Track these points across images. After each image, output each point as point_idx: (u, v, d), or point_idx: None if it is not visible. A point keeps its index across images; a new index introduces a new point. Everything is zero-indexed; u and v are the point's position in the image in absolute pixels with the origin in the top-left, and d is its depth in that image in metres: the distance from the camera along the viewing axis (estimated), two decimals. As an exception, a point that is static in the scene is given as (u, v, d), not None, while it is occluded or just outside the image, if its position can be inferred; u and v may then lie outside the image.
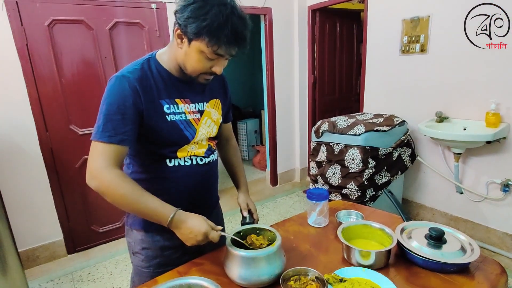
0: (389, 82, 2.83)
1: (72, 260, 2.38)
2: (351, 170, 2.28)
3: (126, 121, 0.87)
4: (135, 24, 2.42)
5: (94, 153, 0.86)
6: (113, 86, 0.88)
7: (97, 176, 0.84)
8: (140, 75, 0.90)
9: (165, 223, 0.86)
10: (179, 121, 0.96)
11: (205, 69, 0.90)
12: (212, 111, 1.06)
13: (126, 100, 0.87)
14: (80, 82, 2.28)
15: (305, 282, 0.86)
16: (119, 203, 0.86)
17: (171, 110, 0.95)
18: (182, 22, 0.83)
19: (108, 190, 0.84)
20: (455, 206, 2.55)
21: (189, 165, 1.01)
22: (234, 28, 0.82)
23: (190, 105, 0.99)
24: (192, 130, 0.99)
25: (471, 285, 0.86)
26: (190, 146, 1.00)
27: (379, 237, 1.03)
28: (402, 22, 2.62)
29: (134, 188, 0.86)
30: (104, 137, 0.85)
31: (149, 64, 0.94)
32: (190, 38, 0.84)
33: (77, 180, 2.37)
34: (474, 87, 2.27)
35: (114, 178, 0.84)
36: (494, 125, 2.11)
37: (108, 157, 0.85)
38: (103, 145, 0.85)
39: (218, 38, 0.81)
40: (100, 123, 0.86)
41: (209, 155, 1.06)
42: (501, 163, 2.21)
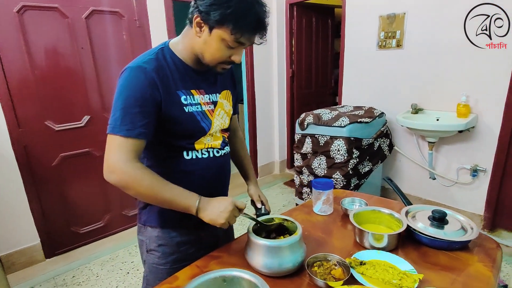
0: (367, 76, 2.96)
1: (53, 264, 2.23)
2: (336, 161, 2.37)
3: (144, 114, 0.84)
4: (114, 13, 2.29)
5: (112, 147, 0.83)
6: (129, 78, 0.85)
7: (118, 170, 0.82)
8: (156, 65, 0.87)
9: (193, 207, 0.86)
10: (196, 113, 0.94)
11: (224, 58, 0.88)
12: (224, 102, 1.05)
13: (144, 92, 0.84)
14: (55, 74, 2.12)
15: (329, 267, 0.89)
16: (144, 195, 0.85)
17: (188, 101, 0.93)
18: (204, 9, 0.80)
19: (131, 183, 0.82)
20: (428, 191, 2.75)
21: (207, 157, 0.99)
22: (257, 16, 0.81)
23: (204, 96, 0.97)
24: (208, 122, 0.97)
25: (475, 260, 0.95)
26: (206, 138, 0.99)
27: (387, 222, 1.09)
28: (379, 18, 2.74)
29: (158, 179, 0.85)
30: (122, 131, 0.82)
31: (163, 54, 0.91)
32: (211, 26, 0.82)
33: (54, 180, 2.22)
34: (446, 80, 2.44)
35: (137, 171, 0.82)
36: (464, 115, 2.29)
37: (127, 151, 0.82)
38: (121, 139, 0.82)
39: (242, 26, 0.81)
40: (117, 116, 0.83)
41: (224, 147, 1.05)
42: (470, 150, 2.42)
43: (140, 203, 1.04)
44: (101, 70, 2.30)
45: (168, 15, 2.60)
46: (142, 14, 2.43)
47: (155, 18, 2.52)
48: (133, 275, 2.10)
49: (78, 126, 2.27)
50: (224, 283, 0.78)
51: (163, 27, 2.59)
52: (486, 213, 2.42)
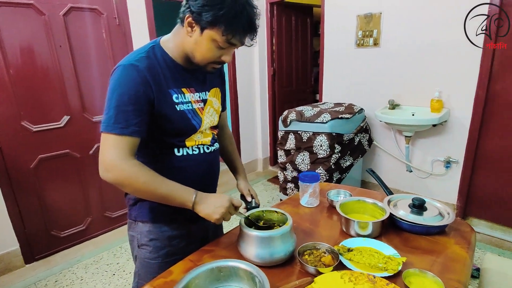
0: (346, 73, 3.05)
1: (33, 270, 2.16)
2: (319, 156, 2.43)
3: (138, 112, 0.85)
4: (92, 10, 2.24)
5: (107, 146, 0.83)
6: (122, 76, 0.85)
7: (114, 168, 0.82)
8: (148, 64, 0.88)
9: (190, 202, 0.88)
10: (187, 111, 0.96)
11: (214, 58, 0.90)
12: (213, 100, 1.07)
13: (137, 90, 0.84)
14: (32, 74, 2.05)
15: (318, 255, 0.94)
16: (141, 191, 0.86)
17: (179, 100, 0.94)
18: (196, 9, 0.81)
19: (128, 181, 0.83)
20: (405, 183, 2.88)
21: (197, 153, 1.01)
22: (249, 17, 0.83)
23: (194, 94, 0.99)
24: (198, 119, 0.99)
25: (451, 243, 1.02)
26: (196, 135, 1.00)
27: (371, 211, 1.15)
28: (356, 17, 2.83)
29: (154, 175, 0.86)
30: (116, 129, 0.82)
31: (154, 52, 0.91)
32: (203, 27, 0.84)
33: (33, 182, 2.15)
34: (420, 77, 2.56)
35: (133, 168, 0.83)
36: (438, 110, 2.42)
37: (122, 149, 0.83)
38: (115, 137, 0.83)
39: (234, 27, 0.82)
40: (111, 114, 0.83)
41: (213, 143, 1.07)
42: (444, 143, 2.55)
43: (130, 199, 1.04)
44: (80, 69, 2.24)
45: (149, 13, 2.57)
46: (122, 12, 2.39)
47: (135, 16, 2.48)
48: (119, 276, 2.07)
49: (57, 126, 2.20)
50: (220, 274, 0.81)
51: (144, 25, 2.55)
52: (459, 202, 2.56)
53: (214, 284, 0.80)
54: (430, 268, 0.89)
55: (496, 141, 2.32)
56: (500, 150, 2.32)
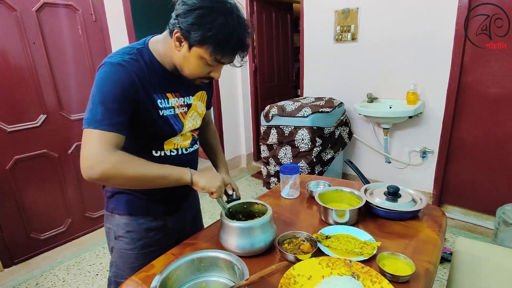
0: (325, 68, 3.10)
1: (12, 274, 2.10)
2: (301, 150, 2.47)
3: (123, 111, 0.82)
4: (67, 6, 2.18)
5: (90, 141, 0.78)
6: (110, 73, 0.82)
7: (99, 162, 0.77)
8: (136, 67, 0.86)
9: (187, 175, 0.90)
10: (170, 116, 0.96)
11: (202, 74, 0.90)
12: (198, 104, 1.07)
13: (124, 91, 0.82)
14: (4, 72, 1.97)
15: (297, 243, 0.97)
16: (132, 179, 0.81)
17: (163, 105, 0.94)
18: (185, 27, 0.79)
19: (117, 171, 0.78)
20: (384, 174, 2.97)
21: (175, 155, 1.02)
22: (239, 39, 0.82)
23: (179, 99, 0.99)
24: (180, 124, 0.99)
25: (424, 227, 1.07)
26: (175, 138, 1.01)
27: (349, 199, 1.20)
28: (334, 13, 2.88)
29: (142, 160, 0.85)
30: (102, 125, 0.79)
31: (142, 56, 0.89)
32: (191, 44, 0.82)
33: (9, 184, 2.08)
34: (397, 70, 2.64)
35: (120, 157, 0.80)
36: (413, 102, 2.51)
37: (107, 143, 0.79)
38: (100, 133, 0.78)
39: (223, 49, 0.81)
40: (96, 110, 0.79)
41: (193, 145, 1.08)
42: (420, 134, 2.65)
43: (108, 191, 1.05)
44: (55, 67, 2.18)
45: (126, 9, 2.52)
46: (98, 8, 2.33)
47: (113, 11, 2.43)
48: (103, 276, 2.05)
49: (33, 126, 2.14)
50: (201, 264, 0.82)
51: (122, 20, 2.50)
52: (434, 190, 2.67)
53: (195, 275, 0.82)
54: (403, 250, 0.94)
55: (468, 131, 2.43)
56: (473, 140, 2.43)
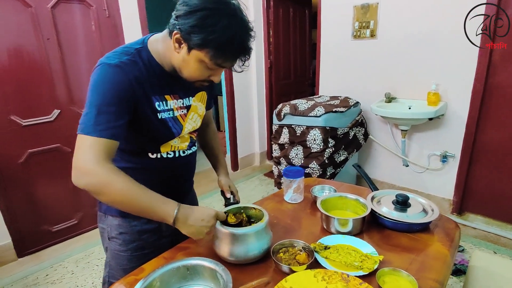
0: (342, 66, 2.99)
1: (23, 264, 2.16)
2: (313, 150, 2.40)
3: (119, 114, 0.79)
4: (81, 2, 2.20)
5: (82, 148, 0.76)
6: (106, 75, 0.79)
7: (88, 173, 0.74)
8: (134, 69, 0.83)
9: (170, 218, 0.80)
10: (168, 119, 0.92)
11: (202, 78, 0.86)
12: (198, 105, 1.03)
13: (121, 93, 0.79)
14: (19, 67, 2.02)
15: (294, 252, 0.91)
16: (116, 201, 0.78)
17: (161, 108, 0.90)
18: (185, 29, 0.75)
19: (103, 188, 0.75)
20: (401, 178, 2.83)
21: (172, 157, 0.99)
22: (241, 43, 0.78)
23: (178, 100, 0.95)
24: (178, 127, 0.96)
25: (434, 240, 0.99)
26: (173, 140, 0.98)
27: (353, 207, 1.12)
28: (353, 8, 2.76)
29: (132, 183, 0.78)
30: (95, 132, 0.75)
31: (141, 57, 0.86)
32: (191, 47, 0.78)
33: (22, 177, 2.14)
34: (417, 69, 2.50)
35: (109, 173, 0.75)
36: (434, 103, 2.36)
37: (99, 151, 0.75)
38: (93, 139, 0.75)
39: (224, 53, 0.78)
40: (91, 115, 0.76)
41: (191, 147, 1.05)
42: (440, 137, 2.50)
43: None
44: (69, 62, 2.21)
45: (141, 5, 2.52)
46: (112, 4, 2.34)
47: (126, 7, 2.44)
48: (110, 270, 2.07)
49: (47, 120, 2.19)
50: (188, 272, 0.78)
51: (136, 17, 2.51)
52: (455, 197, 2.52)
53: (181, 283, 0.78)
54: (408, 266, 0.86)
55: (494, 135, 2.27)
56: (498, 144, 2.26)
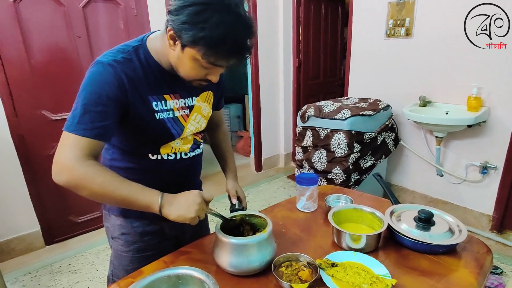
0: (374, 66, 2.83)
1: (50, 252, 2.28)
2: (336, 155, 2.28)
3: (106, 114, 0.77)
4: (111, 1, 2.26)
5: (64, 146, 0.75)
6: (97, 73, 0.78)
7: (67, 169, 0.73)
8: (128, 67, 0.80)
9: (155, 204, 0.77)
10: (167, 119, 0.89)
11: (199, 77, 0.82)
12: (203, 105, 0.99)
13: (110, 92, 0.77)
14: (51, 64, 2.12)
15: (297, 268, 0.84)
16: (98, 194, 0.75)
17: (159, 108, 0.87)
18: (177, 26, 0.72)
19: (82, 182, 0.73)
20: (435, 188, 2.62)
21: (173, 159, 0.95)
22: (236, 40, 0.72)
23: (179, 100, 0.91)
24: (179, 128, 0.92)
25: (459, 265, 0.87)
26: (174, 142, 0.94)
27: (369, 221, 1.03)
28: (388, 5, 2.60)
29: (113, 175, 0.77)
30: (78, 130, 0.74)
31: (138, 55, 0.83)
32: (183, 44, 0.74)
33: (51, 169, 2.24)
34: (457, 71, 2.29)
35: (88, 168, 0.73)
36: (475, 109, 2.15)
37: (81, 150, 0.74)
38: (76, 137, 0.74)
39: (216, 51, 0.73)
40: (76, 112, 0.75)
41: (194, 149, 1.00)
42: (481, 146, 2.27)
43: None
44: (98, 60, 2.29)
45: (168, 4, 2.55)
46: (140, 3, 2.39)
47: (154, 6, 2.48)
48: (127, 264, 2.11)
49: (76, 115, 2.28)
50: (179, 281, 0.75)
51: (163, 15, 2.54)
52: (495, 213, 2.28)
53: (172, 292, 0.74)
54: (425, 295, 0.76)
55: (544, 146, 2.02)
56: (550, 157, 2.01)
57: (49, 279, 2.01)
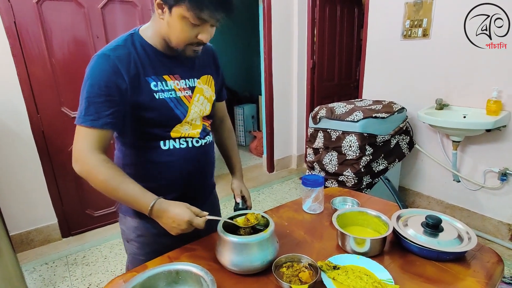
0: (389, 67, 2.77)
1: (67, 244, 2.37)
2: (348, 157, 2.25)
3: (110, 103, 0.83)
4: (128, 2, 2.33)
5: (77, 137, 0.84)
6: (93, 66, 0.84)
7: (80, 160, 0.82)
8: (122, 53, 0.86)
9: (145, 212, 0.83)
10: (169, 99, 0.91)
11: (190, 38, 0.84)
12: (204, 87, 1.00)
13: (108, 81, 0.82)
14: (71, 63, 2.21)
15: (298, 269, 0.84)
16: (100, 189, 0.83)
17: (159, 88, 0.90)
18: None
19: (89, 175, 0.82)
20: (451, 194, 2.54)
21: (185, 147, 0.96)
22: None
23: (180, 81, 0.94)
24: (183, 109, 0.94)
25: (467, 274, 0.84)
26: (183, 127, 0.95)
27: (375, 225, 1.01)
28: (405, 5, 2.54)
29: (115, 174, 0.83)
30: (86, 121, 0.82)
31: (132, 40, 0.89)
32: (170, 5, 0.79)
33: (70, 164, 2.30)
34: (476, 73, 2.21)
35: (96, 163, 0.81)
36: (495, 113, 2.07)
37: (91, 141, 0.82)
38: (86, 130, 0.82)
39: (199, 2, 0.76)
40: (82, 106, 0.83)
41: (204, 136, 1.01)
42: (500, 152, 2.19)
43: None
44: (115, 59, 2.35)
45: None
46: (156, 4, 2.44)
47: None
48: (138, 259, 2.17)
49: (93, 113, 2.35)
50: (179, 277, 0.76)
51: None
52: (515, 221, 2.19)
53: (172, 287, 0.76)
54: (428, 302, 0.74)
55: None
56: None
57: (64, 270, 2.09)
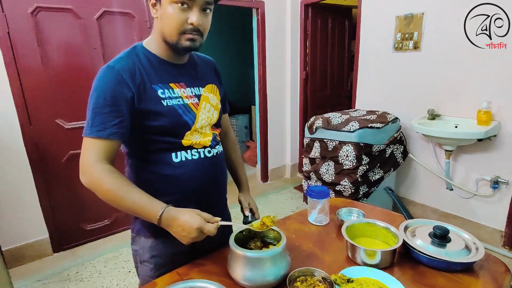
0: (381, 79, 2.84)
1: (59, 259, 2.29)
2: (345, 167, 2.28)
3: (116, 113, 0.83)
4: (125, 14, 2.32)
5: (84, 149, 0.84)
6: (99, 78, 0.85)
7: (86, 171, 0.82)
8: (126, 63, 0.87)
9: (154, 221, 0.81)
10: (177, 106, 0.91)
11: (181, 23, 0.84)
12: (210, 96, 1.01)
13: (114, 91, 0.83)
14: (67, 74, 2.17)
15: (312, 283, 0.84)
16: (107, 199, 0.82)
17: (166, 95, 0.91)
18: None
19: (95, 185, 0.81)
20: (445, 202, 2.59)
21: (197, 158, 0.95)
22: None
23: (186, 89, 0.95)
24: (192, 115, 0.94)
25: (478, 284, 0.86)
26: (193, 135, 0.94)
27: (383, 236, 1.02)
28: (395, 18, 2.62)
29: (121, 183, 0.82)
30: (93, 132, 0.82)
31: (136, 52, 0.91)
32: None
33: (63, 176, 2.27)
34: (466, 85, 2.29)
35: (102, 173, 0.81)
36: (486, 123, 2.14)
37: (98, 152, 0.82)
38: (92, 140, 0.83)
39: None
40: (89, 117, 0.84)
41: (215, 145, 1.00)
42: (491, 161, 2.25)
43: None
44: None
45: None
46: (153, 15, 2.45)
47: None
48: (134, 274, 2.11)
49: (87, 124, 2.32)
50: (195, 295, 0.75)
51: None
52: (507, 229, 2.24)
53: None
54: (443, 313, 0.75)
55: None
56: (562, 172, 1.98)
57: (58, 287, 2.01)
